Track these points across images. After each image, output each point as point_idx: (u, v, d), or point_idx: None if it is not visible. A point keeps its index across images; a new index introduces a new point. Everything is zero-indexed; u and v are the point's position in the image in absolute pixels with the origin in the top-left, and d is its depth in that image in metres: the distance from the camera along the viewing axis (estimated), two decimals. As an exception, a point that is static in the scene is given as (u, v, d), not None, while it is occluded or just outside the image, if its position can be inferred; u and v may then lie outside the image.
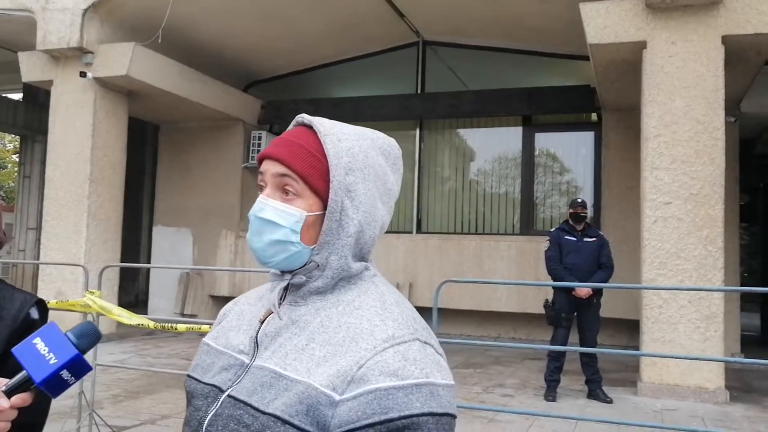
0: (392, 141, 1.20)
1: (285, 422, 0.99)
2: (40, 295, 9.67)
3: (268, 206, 1.11)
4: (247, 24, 10.81)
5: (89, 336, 1.19)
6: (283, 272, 1.16)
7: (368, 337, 1.04)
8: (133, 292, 14.71)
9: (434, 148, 12.02)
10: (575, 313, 7.09)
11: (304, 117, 1.17)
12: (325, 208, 1.11)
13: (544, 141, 11.42)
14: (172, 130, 12.78)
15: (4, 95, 14.89)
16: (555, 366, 7.06)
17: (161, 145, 13.05)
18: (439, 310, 5.08)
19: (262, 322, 1.15)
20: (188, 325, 4.93)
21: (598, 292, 7.05)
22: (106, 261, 9.73)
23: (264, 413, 1.01)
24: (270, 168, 1.12)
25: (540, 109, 11.11)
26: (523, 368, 8.91)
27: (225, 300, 10.72)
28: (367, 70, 12.63)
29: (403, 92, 12.07)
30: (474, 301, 10.52)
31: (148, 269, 13.50)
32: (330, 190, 1.09)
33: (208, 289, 12.22)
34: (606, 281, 7.03)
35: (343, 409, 0.98)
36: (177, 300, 12.25)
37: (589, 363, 7.06)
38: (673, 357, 6.85)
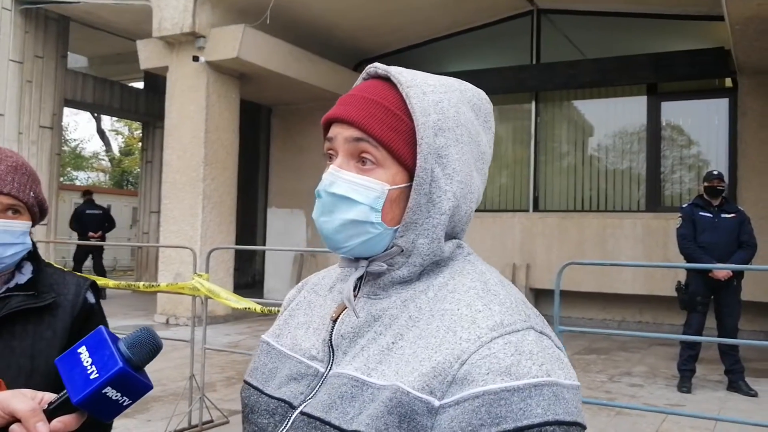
0: (482, 93, 1.00)
1: None
2: (161, 278, 9.96)
3: (340, 179, 0.91)
4: (356, 0, 10.61)
5: (144, 345, 0.96)
6: (357, 258, 0.92)
7: (469, 325, 0.83)
8: (250, 273, 15.02)
9: (551, 121, 11.42)
10: (712, 297, 6.47)
11: (377, 67, 0.97)
12: (411, 179, 0.90)
13: (671, 110, 10.58)
14: (284, 112, 12.87)
15: (127, 84, 15.51)
16: (689, 354, 6.47)
17: (274, 128, 13.18)
18: (560, 292, 4.68)
19: (335, 321, 0.94)
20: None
21: (738, 274, 6.37)
22: (220, 243, 9.88)
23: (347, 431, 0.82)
24: (341, 132, 0.93)
25: (667, 76, 10.29)
26: (651, 355, 8.30)
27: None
28: (480, 43, 12.17)
29: (517, 64, 11.54)
30: (597, 282, 9.93)
31: (264, 251, 13.71)
32: (417, 157, 0.88)
33: (321, 269, 12.22)
34: (748, 261, 6.33)
35: (444, 419, 0.78)
36: (291, 281, 12.35)
37: (728, 351, 6.43)
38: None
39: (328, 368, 0.91)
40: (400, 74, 0.93)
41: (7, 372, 1.36)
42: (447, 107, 0.91)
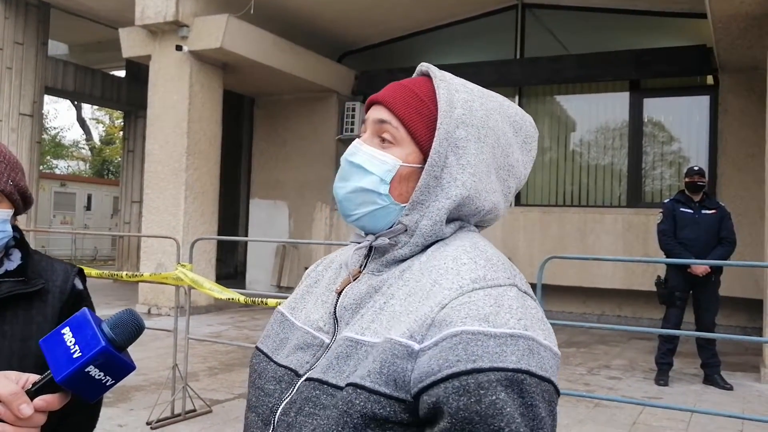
0: (529, 118, 1.07)
1: (357, 387, 0.84)
2: (143, 267, 9.91)
3: (361, 150, 1.00)
4: (340, -8, 10.59)
5: (126, 326, 0.98)
6: (366, 234, 1.00)
7: (453, 276, 0.88)
8: (231, 264, 14.97)
9: (534, 116, 11.18)
10: (690, 292, 6.55)
11: (426, 66, 1.05)
12: (425, 161, 0.96)
13: (653, 107, 10.67)
14: (267, 102, 12.81)
15: (109, 72, 15.35)
16: (667, 348, 6.55)
17: (256, 118, 13.12)
18: (542, 286, 4.72)
19: (340, 294, 1.01)
20: (279, 300, 4.77)
21: (717, 270, 6.45)
22: (203, 233, 9.83)
23: (342, 388, 0.86)
24: (373, 113, 1.02)
25: (649, 73, 10.36)
26: (630, 348, 8.40)
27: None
28: (463, 37, 12.18)
29: (501, 58, 11.57)
30: (578, 277, 10.02)
31: (246, 242, 13.66)
32: (434, 140, 0.95)
33: (304, 261, 12.23)
34: (727, 257, 6.39)
35: (423, 360, 0.81)
36: (274, 272, 12.33)
37: (705, 345, 6.51)
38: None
39: (333, 339, 0.96)
40: (438, 71, 1.01)
41: (0, 355, 1.39)
42: (476, 108, 0.97)
